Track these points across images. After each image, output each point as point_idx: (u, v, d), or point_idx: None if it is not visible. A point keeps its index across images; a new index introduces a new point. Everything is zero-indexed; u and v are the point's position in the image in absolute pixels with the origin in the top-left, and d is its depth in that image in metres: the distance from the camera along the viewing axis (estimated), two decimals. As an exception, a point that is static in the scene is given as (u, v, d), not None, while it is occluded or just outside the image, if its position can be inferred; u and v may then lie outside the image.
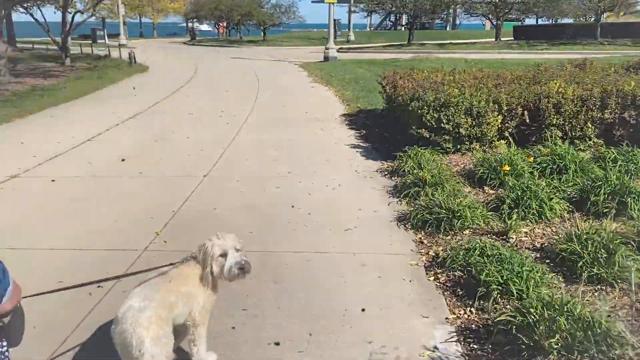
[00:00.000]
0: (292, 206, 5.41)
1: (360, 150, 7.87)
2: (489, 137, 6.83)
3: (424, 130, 6.79)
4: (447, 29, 68.30)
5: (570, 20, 37.84)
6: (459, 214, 4.62)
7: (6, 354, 1.61)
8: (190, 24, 62.63)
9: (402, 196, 5.59)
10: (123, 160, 7.30)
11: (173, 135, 8.96)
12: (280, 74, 19.54)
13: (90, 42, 49.05)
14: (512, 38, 35.85)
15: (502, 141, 6.77)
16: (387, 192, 5.90)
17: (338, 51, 27.40)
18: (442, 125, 6.67)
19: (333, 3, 25.43)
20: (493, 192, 5.54)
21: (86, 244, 4.57)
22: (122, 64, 21.53)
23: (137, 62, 23.20)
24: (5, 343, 1.59)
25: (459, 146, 6.85)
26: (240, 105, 12.24)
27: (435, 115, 6.72)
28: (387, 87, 9.16)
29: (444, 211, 4.66)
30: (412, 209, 5.06)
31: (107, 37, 48.61)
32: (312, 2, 72.91)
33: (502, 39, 34.60)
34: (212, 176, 6.53)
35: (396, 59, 22.98)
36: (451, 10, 39.42)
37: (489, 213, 4.79)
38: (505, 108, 6.83)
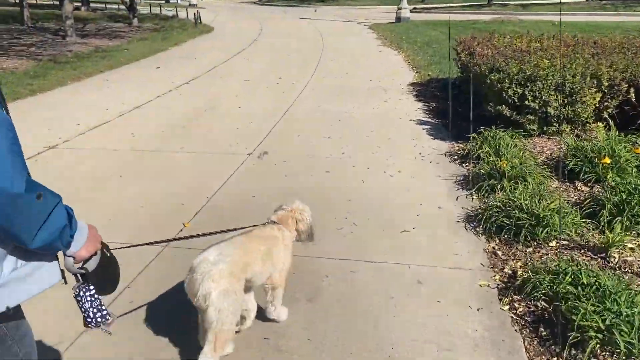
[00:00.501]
0: (341, 197, 4.68)
1: (427, 127, 6.94)
2: (584, 119, 5.70)
3: (504, 107, 5.76)
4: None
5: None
6: (544, 220, 3.70)
7: (97, 296, 1.62)
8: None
9: (474, 190, 4.70)
10: (178, 131, 6.82)
11: (224, 104, 8.38)
12: (348, 36, 18.50)
13: (162, 1, 49.69)
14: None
15: (600, 124, 5.63)
16: (455, 182, 5.01)
17: (412, 11, 25.79)
18: (526, 102, 5.62)
19: (408, -41, 23.72)
20: (587, 189, 4.53)
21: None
22: (188, 25, 21.23)
23: (203, 23, 22.86)
24: (92, 288, 1.60)
25: (545, 128, 5.78)
26: (300, 70, 11.48)
27: (518, 90, 5.67)
28: (462, 54, 8.06)
29: (525, 216, 3.76)
30: (485, 207, 4.19)
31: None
32: (387, -41, 69.86)
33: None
34: (256, 156, 5.88)
35: (475, 20, 21.22)
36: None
37: (582, 220, 3.84)
38: (606, 84, 5.65)
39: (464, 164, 5.46)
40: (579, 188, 4.57)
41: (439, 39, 15.60)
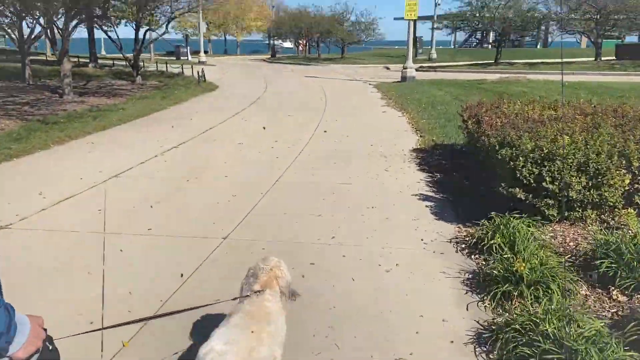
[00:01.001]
0: (324, 304, 3.86)
1: (431, 204, 6.18)
2: (611, 203, 4.92)
3: (518, 190, 5.00)
4: (538, 47, 64.32)
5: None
6: (577, 356, 2.86)
7: None
8: (272, 41, 63.07)
9: (486, 296, 3.88)
10: (150, 206, 6.11)
11: (211, 172, 7.71)
12: (352, 95, 18.13)
13: (172, 58, 50.61)
14: (614, 58, 32.26)
15: (631, 210, 4.84)
16: (464, 281, 4.20)
17: (418, 70, 25.67)
18: (543, 184, 4.86)
19: (413, 20, 23.77)
20: (625, 299, 3.70)
21: None
22: (192, 83, 21.05)
23: (208, 81, 22.72)
24: None
25: (566, 213, 4.99)
26: (299, 132, 10.90)
27: (534, 170, 4.93)
28: (469, 122, 7.39)
29: (553, 347, 2.92)
30: (501, 324, 3.36)
31: (191, 54, 49.69)
32: (395, 19, 71.48)
33: (602, 58, 31.23)
34: (233, 240, 5.11)
35: (481, 80, 20.88)
36: (543, 27, 36.31)
37: (627, 355, 2.98)
38: (637, 164, 4.90)
39: (472, 256, 4.66)
40: (615, 298, 3.74)
41: (444, 100, 15.11)
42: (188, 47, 51.27)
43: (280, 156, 8.76)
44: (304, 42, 55.44)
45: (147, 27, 21.03)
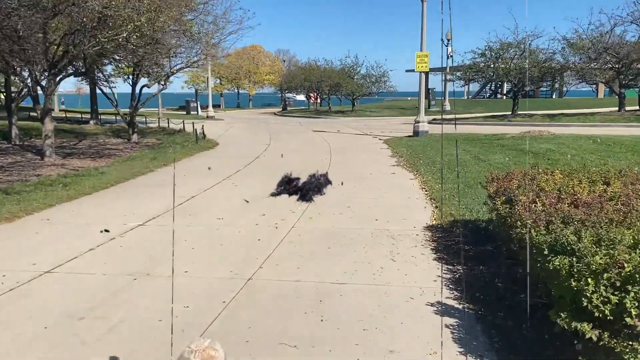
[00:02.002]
0: None
1: (454, 323, 4.47)
2: None
3: (586, 326, 3.30)
4: (553, 96, 63.22)
5: None
6: None
7: None
8: (285, 94, 62.90)
9: None
10: (72, 317, 4.49)
11: (168, 264, 6.10)
12: (359, 153, 16.66)
13: (182, 113, 50.26)
14: (638, 107, 30.63)
15: None
16: None
17: (431, 122, 24.30)
18: (626, 320, 3.17)
19: (425, 72, 22.63)
20: None
21: None
22: (190, 141, 19.81)
23: (209, 138, 21.54)
24: None
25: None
26: (292, 202, 9.33)
27: (610, 296, 3.24)
28: (497, 200, 5.76)
29: None
30: None
31: (201, 108, 49.23)
32: (406, 71, 71.24)
33: (626, 108, 29.65)
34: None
35: (501, 134, 19.34)
36: (558, 77, 35.05)
37: None
38: None
39: None
40: None
41: (462, 159, 13.53)
42: (198, 102, 50.93)
43: (264, 237, 7.16)
44: (315, 95, 54.97)
45: (144, 84, 20.00)
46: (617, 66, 27.73)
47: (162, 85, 20.58)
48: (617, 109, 32.24)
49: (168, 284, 5.46)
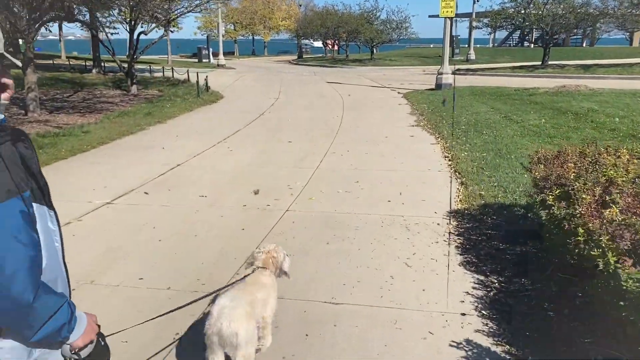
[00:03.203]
0: None
1: (488, 380, 3.15)
2: None
3: None
4: (584, 45, 59.65)
5: None
6: None
7: None
8: (301, 41, 60.27)
9: None
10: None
11: (120, 270, 4.82)
12: (374, 110, 15.07)
13: (195, 60, 48.42)
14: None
15: None
16: None
17: (455, 72, 22.37)
18: None
19: (450, 18, 20.54)
20: None
21: None
22: (194, 93, 18.30)
23: (214, 90, 20.03)
24: None
25: None
26: (292, 174, 7.98)
27: None
28: (549, 196, 4.27)
29: None
30: None
31: (213, 56, 47.23)
32: (429, 16, 67.67)
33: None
34: None
35: (533, 89, 17.46)
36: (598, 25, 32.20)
37: None
38: None
39: None
40: None
41: (490, 120, 11.89)
42: (210, 49, 48.87)
43: (249, 226, 5.83)
44: (332, 42, 52.48)
45: (141, 31, 18.35)
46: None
47: (165, 31, 18.90)
48: (658, 59, 29.73)
49: (110, 299, 4.22)
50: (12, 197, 1.43)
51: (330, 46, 54.53)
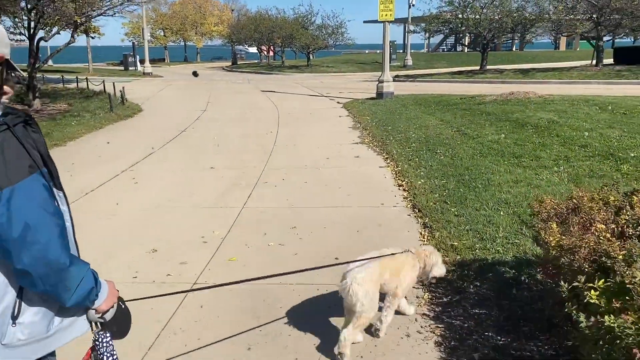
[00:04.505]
0: None
1: None
2: None
3: None
4: (513, 49, 61.08)
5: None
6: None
7: (110, 342, 1.88)
8: (235, 47, 57.99)
9: None
10: None
11: None
12: (313, 124, 13.48)
13: (122, 68, 45.29)
14: (612, 62, 28.32)
15: None
16: None
17: (395, 79, 21.20)
18: None
19: (389, 22, 19.33)
20: None
21: None
22: (107, 107, 15.99)
23: (133, 102, 17.83)
24: (109, 334, 1.88)
25: None
26: (211, 217, 6.20)
27: None
28: (592, 294, 2.72)
29: None
30: None
31: (140, 63, 44.23)
32: (364, 22, 67.19)
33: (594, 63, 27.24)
34: None
35: (478, 96, 16.46)
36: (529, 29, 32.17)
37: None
38: None
39: None
40: None
41: (442, 134, 10.55)
42: (137, 56, 45.84)
43: (135, 317, 4.00)
44: (267, 48, 50.74)
45: (41, 37, 15.89)
46: (595, 16, 25.11)
47: (72, 37, 16.49)
48: (588, 63, 30.04)
49: None
50: (34, 172, 1.49)
51: (265, 52, 52.75)
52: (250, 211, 6.46)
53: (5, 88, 1.55)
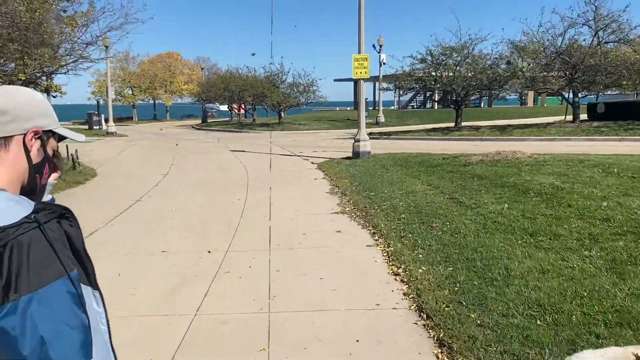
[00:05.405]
0: None
1: None
2: None
3: None
4: (482, 105, 61.93)
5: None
6: None
7: None
8: (205, 105, 57.10)
9: None
10: None
11: None
12: (285, 188, 12.09)
13: (86, 127, 43.66)
14: (587, 118, 28.11)
15: None
16: None
17: (369, 136, 20.20)
18: None
19: (364, 80, 18.53)
20: None
21: None
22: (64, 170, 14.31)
23: (88, 166, 16.24)
24: None
25: None
26: (152, 332, 4.62)
27: None
28: None
29: None
30: None
31: (105, 122, 42.69)
32: (335, 80, 67.60)
33: (567, 118, 26.97)
34: None
35: (461, 154, 15.43)
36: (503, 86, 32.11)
37: None
38: None
39: None
40: None
41: (434, 203, 9.22)
42: (102, 115, 44.32)
43: None
44: (238, 106, 49.97)
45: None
46: (569, 73, 24.97)
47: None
48: (562, 118, 29.93)
49: None
50: (60, 277, 1.29)
51: (236, 110, 51.96)
52: (205, 321, 4.89)
53: (58, 162, 1.52)
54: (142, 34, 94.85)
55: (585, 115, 27.77)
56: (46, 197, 1.50)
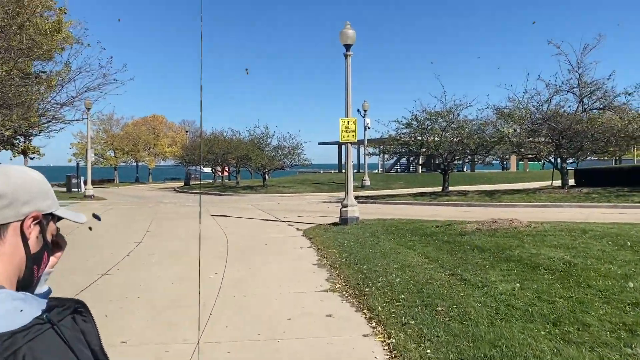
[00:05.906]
0: None
1: None
2: None
3: None
4: (464, 169, 62.18)
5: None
6: None
7: None
8: (188, 168, 56.39)
9: None
10: None
11: None
12: (269, 259, 11.08)
13: (64, 190, 42.41)
14: (574, 184, 27.84)
15: None
16: None
17: (356, 200, 19.42)
18: None
19: (351, 143, 18.00)
20: None
21: None
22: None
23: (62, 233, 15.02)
24: None
25: None
26: None
27: None
28: None
29: None
30: None
31: (84, 184, 41.52)
32: (319, 143, 67.88)
33: (554, 183, 26.69)
34: None
35: (453, 222, 14.62)
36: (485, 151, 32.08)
37: None
38: None
39: None
40: None
41: (435, 281, 8.26)
42: (81, 177, 43.22)
43: None
44: (222, 168, 49.33)
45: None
46: (556, 139, 24.85)
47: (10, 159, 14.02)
48: (548, 184, 29.74)
49: None
50: None
51: (220, 172, 51.27)
52: None
53: (60, 241, 1.40)
54: (121, 95, 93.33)
55: (573, 180, 27.51)
56: (42, 289, 1.35)
